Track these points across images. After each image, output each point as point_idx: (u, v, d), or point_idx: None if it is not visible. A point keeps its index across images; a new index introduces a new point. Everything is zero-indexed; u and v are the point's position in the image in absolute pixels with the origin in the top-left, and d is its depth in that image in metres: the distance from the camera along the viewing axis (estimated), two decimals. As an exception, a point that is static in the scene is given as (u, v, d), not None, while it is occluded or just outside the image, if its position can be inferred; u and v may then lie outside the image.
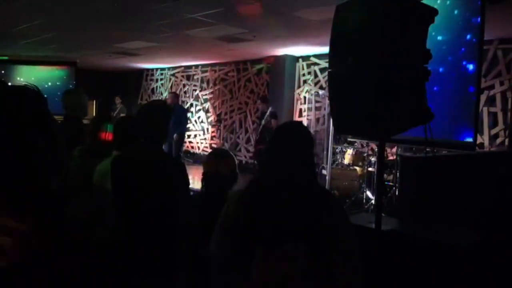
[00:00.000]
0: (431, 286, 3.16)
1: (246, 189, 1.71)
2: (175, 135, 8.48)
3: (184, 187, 2.36)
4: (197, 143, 12.04)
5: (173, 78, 12.91)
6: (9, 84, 1.02)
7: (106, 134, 2.84)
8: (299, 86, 9.69)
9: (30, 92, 0.96)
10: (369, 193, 6.00)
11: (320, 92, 8.90)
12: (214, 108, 11.56)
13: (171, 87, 12.87)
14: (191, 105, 12.17)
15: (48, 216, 0.92)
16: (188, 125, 10.82)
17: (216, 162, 2.31)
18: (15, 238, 0.81)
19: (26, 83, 0.97)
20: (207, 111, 11.81)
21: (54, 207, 0.95)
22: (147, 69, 13.62)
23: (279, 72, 9.66)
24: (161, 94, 13.21)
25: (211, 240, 1.71)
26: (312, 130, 8.56)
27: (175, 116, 7.26)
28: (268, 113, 7.85)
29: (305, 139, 1.70)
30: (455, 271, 3.09)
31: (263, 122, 7.87)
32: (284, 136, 1.71)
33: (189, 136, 11.87)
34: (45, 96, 0.99)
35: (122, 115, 10.66)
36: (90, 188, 2.52)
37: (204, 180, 2.32)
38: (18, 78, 10.87)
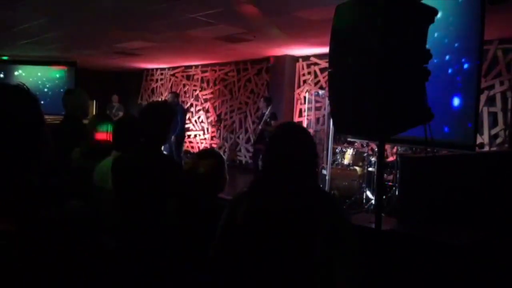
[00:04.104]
0: (431, 286, 3.16)
1: (247, 190, 1.71)
2: (173, 137, 8.25)
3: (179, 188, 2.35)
4: (197, 143, 12.04)
5: (173, 78, 12.90)
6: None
7: (107, 134, 2.82)
8: (299, 86, 9.69)
9: (20, 91, 0.95)
10: (369, 193, 5.99)
11: (320, 92, 8.90)
12: (214, 108, 11.55)
13: (171, 87, 12.86)
14: (191, 105, 12.17)
15: (32, 215, 0.91)
16: (187, 125, 10.80)
17: (196, 160, 2.23)
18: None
19: (18, 82, 0.96)
20: (207, 111, 11.81)
21: (39, 206, 0.95)
22: (147, 69, 13.61)
23: (279, 72, 9.66)
24: (161, 94, 13.21)
25: (213, 241, 1.71)
26: (312, 130, 8.56)
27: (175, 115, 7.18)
28: (267, 114, 7.84)
29: (304, 140, 1.68)
30: (455, 271, 3.09)
31: (262, 122, 7.87)
32: (282, 136, 1.70)
33: (189, 136, 11.87)
34: (36, 95, 0.98)
35: (120, 113, 10.64)
36: (90, 188, 2.52)
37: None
38: (18, 78, 10.87)
